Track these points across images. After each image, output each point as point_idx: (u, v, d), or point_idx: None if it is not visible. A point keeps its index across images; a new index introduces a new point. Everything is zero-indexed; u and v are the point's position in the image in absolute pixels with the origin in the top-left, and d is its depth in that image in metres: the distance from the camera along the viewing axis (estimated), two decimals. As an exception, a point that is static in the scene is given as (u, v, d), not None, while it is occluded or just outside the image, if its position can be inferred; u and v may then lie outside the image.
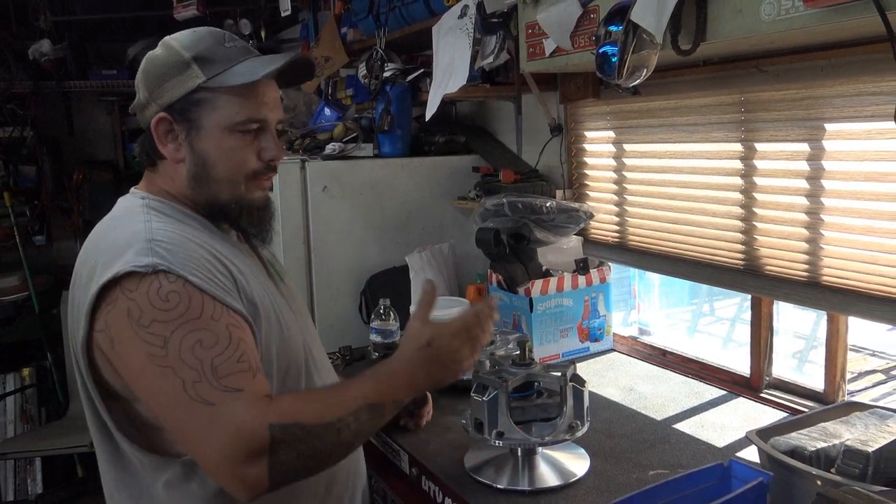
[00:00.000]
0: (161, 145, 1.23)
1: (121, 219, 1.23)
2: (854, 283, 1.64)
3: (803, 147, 1.70)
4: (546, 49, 1.86)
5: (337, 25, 3.08)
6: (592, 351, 2.32)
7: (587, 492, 1.44)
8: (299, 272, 2.52)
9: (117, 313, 1.07)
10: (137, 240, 1.12)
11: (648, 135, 2.14)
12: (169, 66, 1.21)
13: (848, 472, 1.21)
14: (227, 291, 1.14)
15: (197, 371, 1.04)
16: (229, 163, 1.24)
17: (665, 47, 1.46)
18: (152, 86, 1.22)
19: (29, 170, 4.26)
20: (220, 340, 1.07)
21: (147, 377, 1.07)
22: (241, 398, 1.05)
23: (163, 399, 1.07)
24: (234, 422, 1.03)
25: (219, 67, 1.21)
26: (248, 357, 1.10)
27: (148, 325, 1.06)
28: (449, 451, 1.64)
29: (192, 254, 1.14)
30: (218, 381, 1.05)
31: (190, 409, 1.04)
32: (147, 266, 1.08)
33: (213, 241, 1.22)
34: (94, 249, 1.17)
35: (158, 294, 1.07)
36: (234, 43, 1.25)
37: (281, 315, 1.27)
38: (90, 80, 4.17)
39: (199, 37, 1.24)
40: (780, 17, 1.26)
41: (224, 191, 1.25)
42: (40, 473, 3.82)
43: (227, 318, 1.11)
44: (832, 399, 1.80)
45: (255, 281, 1.24)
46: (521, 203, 2.17)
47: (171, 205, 1.25)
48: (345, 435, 1.10)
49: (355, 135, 2.74)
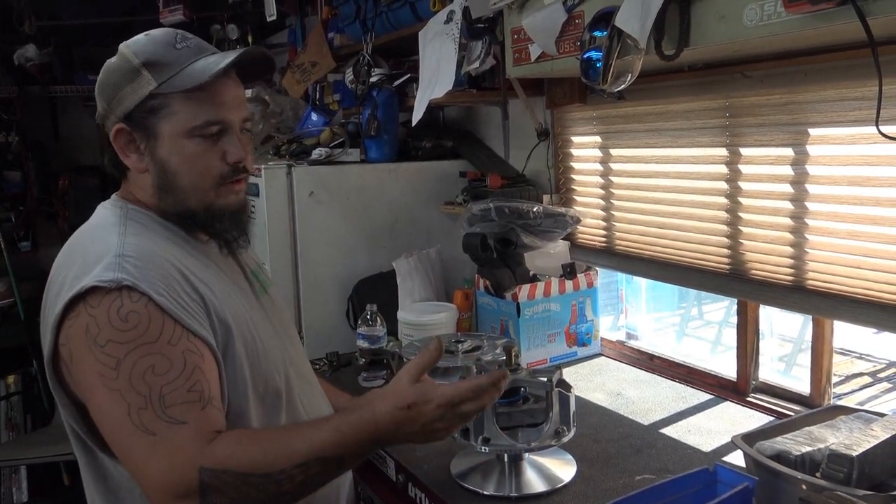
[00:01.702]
0: (123, 156, 1.20)
1: (97, 228, 1.21)
2: (839, 286, 1.64)
3: (788, 152, 1.71)
4: (532, 54, 1.86)
5: (324, 30, 3.07)
6: (580, 356, 2.32)
7: (574, 497, 1.44)
8: (286, 277, 2.51)
9: (77, 328, 1.06)
10: (109, 254, 1.10)
11: (634, 140, 2.15)
12: (121, 74, 1.18)
13: (832, 476, 1.21)
14: (192, 314, 1.11)
15: (144, 398, 1.02)
16: (193, 170, 1.19)
17: (649, 52, 1.46)
18: (108, 96, 1.19)
19: (14, 175, 4.22)
20: (173, 367, 1.05)
21: (97, 396, 1.05)
22: (182, 432, 1.02)
23: (108, 421, 1.05)
24: (168, 457, 1.01)
25: (169, 71, 1.16)
26: (201, 387, 1.06)
27: (104, 345, 1.04)
28: (435, 457, 1.63)
29: (161, 270, 1.11)
30: (163, 410, 1.02)
31: (132, 435, 1.02)
32: (111, 281, 1.06)
33: (187, 257, 1.19)
34: (68, 261, 1.15)
35: (118, 313, 1.05)
36: (185, 43, 1.20)
37: (258, 333, 1.23)
38: (76, 85, 4.15)
39: (150, 40, 1.20)
40: (763, 22, 1.26)
41: (191, 199, 1.21)
42: (26, 482, 3.77)
43: (185, 344, 1.08)
44: (818, 403, 1.81)
45: (230, 299, 1.21)
46: (508, 208, 2.17)
47: (148, 215, 1.23)
48: (286, 487, 1.04)
49: (342, 140, 2.73)
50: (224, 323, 1.16)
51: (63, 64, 4.15)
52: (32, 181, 4.22)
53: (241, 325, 1.20)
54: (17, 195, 4.21)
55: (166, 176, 1.19)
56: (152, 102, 1.16)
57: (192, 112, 1.17)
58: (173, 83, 1.16)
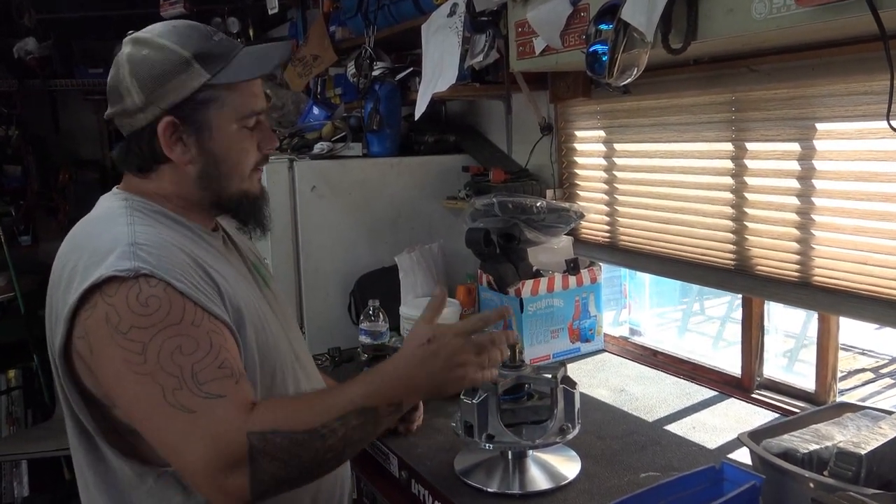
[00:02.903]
0: (168, 149, 1.18)
1: (103, 220, 1.19)
2: (845, 283, 1.63)
3: (794, 147, 1.69)
4: (536, 48, 1.84)
5: (325, 24, 3.05)
6: (583, 351, 2.30)
7: (578, 495, 1.43)
8: (287, 272, 2.49)
9: (96, 319, 1.05)
10: (120, 243, 1.09)
11: (639, 134, 2.13)
12: (169, 65, 1.15)
13: (841, 475, 1.20)
14: (210, 297, 1.11)
15: (177, 378, 1.02)
16: (237, 158, 1.23)
17: (656, 46, 1.45)
18: (151, 88, 1.15)
19: (14, 169, 4.21)
20: (200, 346, 1.05)
21: (125, 385, 1.04)
22: (222, 405, 1.02)
23: (141, 407, 1.04)
24: (212, 430, 1.01)
25: (219, 63, 1.18)
26: (230, 363, 1.07)
27: (126, 332, 1.03)
28: (438, 454, 1.62)
29: (176, 258, 1.11)
30: (199, 387, 1.02)
31: (169, 417, 1.01)
32: (129, 270, 1.05)
33: (195, 246, 1.19)
34: (75, 252, 1.13)
35: (138, 299, 1.04)
36: (219, 36, 1.22)
37: (266, 321, 1.24)
38: (76, 79, 4.13)
39: (185, 32, 1.19)
40: (772, 15, 1.25)
41: (232, 186, 1.24)
42: (26, 476, 3.77)
43: (208, 324, 1.08)
44: (823, 399, 1.80)
45: (240, 287, 1.22)
46: (512, 203, 2.16)
47: (155, 206, 1.21)
48: (331, 441, 1.06)
49: (344, 134, 2.71)
50: (236, 308, 1.16)
51: (63, 57, 4.13)
52: (32, 175, 4.20)
53: (252, 313, 1.20)
54: (18, 189, 4.20)
55: (215, 165, 1.21)
56: (203, 94, 1.17)
57: (238, 103, 1.21)
58: (225, 76, 1.18)
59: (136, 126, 1.19)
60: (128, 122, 1.19)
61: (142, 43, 1.18)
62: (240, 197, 1.26)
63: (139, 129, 1.18)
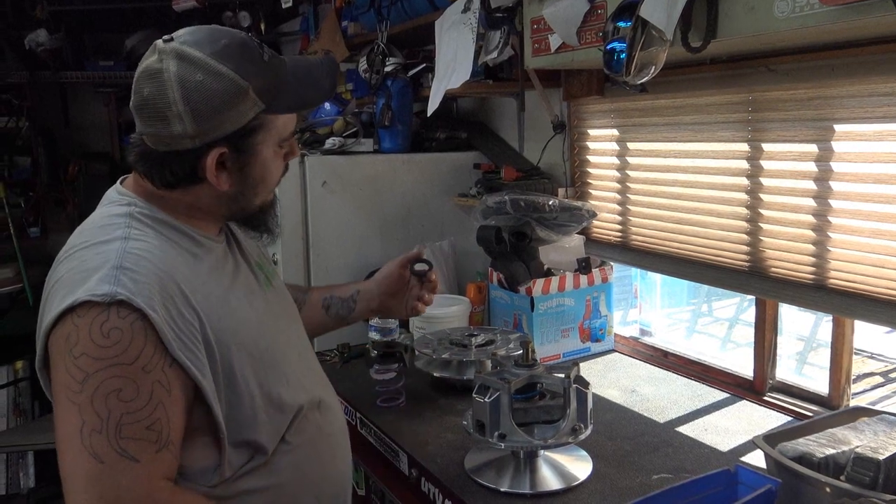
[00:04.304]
0: (213, 177, 1.14)
1: (102, 230, 1.14)
2: (861, 286, 1.61)
3: (812, 148, 1.68)
4: (552, 45, 1.83)
5: (338, 19, 3.04)
6: (593, 351, 2.29)
7: (590, 496, 1.42)
8: (298, 268, 2.49)
9: (60, 335, 1.03)
10: (106, 265, 1.06)
11: (653, 133, 2.12)
12: (227, 97, 1.10)
13: (858, 480, 1.18)
14: (182, 337, 1.07)
15: (102, 420, 0.99)
16: (270, 176, 1.23)
17: (675, 44, 1.43)
18: (205, 118, 1.09)
19: (24, 161, 4.21)
20: (139, 396, 1.01)
21: (57, 405, 1.02)
22: (131, 469, 0.99)
23: (60, 432, 1.01)
24: (114, 490, 0.97)
25: (272, 89, 1.15)
26: (161, 426, 1.03)
27: (77, 357, 1.01)
28: (448, 452, 1.62)
29: (160, 285, 1.07)
30: (118, 441, 0.99)
31: (79, 455, 0.98)
32: (105, 295, 1.02)
33: (189, 264, 1.16)
34: (65, 266, 1.11)
35: (101, 328, 1.01)
36: (268, 54, 1.17)
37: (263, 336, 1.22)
38: (87, 71, 4.13)
39: (238, 54, 1.12)
40: (795, 14, 1.23)
41: (258, 200, 1.24)
42: (33, 467, 3.79)
43: (159, 375, 1.04)
44: (837, 403, 1.78)
45: (231, 302, 1.19)
46: (524, 201, 2.14)
47: (158, 214, 1.18)
48: None
49: (355, 130, 2.70)
50: (222, 341, 1.13)
51: (74, 50, 4.13)
52: (42, 167, 4.20)
53: (246, 337, 1.18)
54: (27, 181, 4.20)
55: (250, 188, 1.21)
56: (254, 122, 1.15)
57: (281, 127, 1.20)
58: (279, 105, 1.17)
59: (178, 147, 1.12)
60: (167, 142, 1.12)
61: (194, 64, 1.09)
62: (260, 209, 1.26)
63: (180, 151, 1.13)
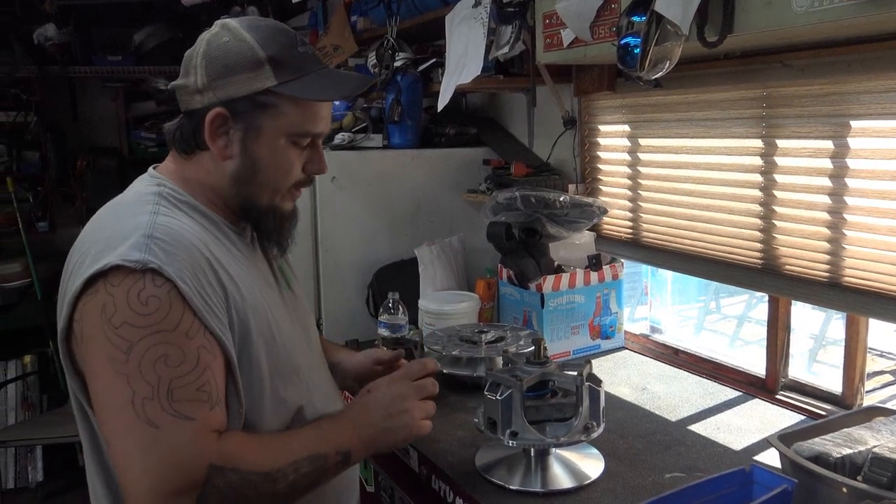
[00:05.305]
0: (211, 139, 1.17)
1: (128, 205, 1.17)
2: (877, 284, 1.60)
3: (827, 144, 1.66)
4: (564, 40, 1.81)
5: (347, 14, 3.03)
6: (603, 348, 2.28)
7: (602, 494, 1.41)
8: (307, 264, 2.48)
9: (93, 305, 1.02)
10: (136, 233, 1.06)
11: (665, 129, 2.10)
12: (241, 59, 1.14)
13: (876, 481, 1.17)
14: (213, 308, 1.08)
15: (152, 388, 0.99)
16: (278, 170, 1.21)
17: (690, 39, 1.41)
18: (215, 74, 1.14)
19: (32, 155, 4.21)
20: (186, 360, 1.02)
21: (101, 378, 1.01)
22: (189, 428, 1.00)
23: (108, 405, 1.01)
24: (171, 452, 0.98)
25: (291, 73, 1.16)
26: (210, 387, 1.04)
27: (118, 326, 1.00)
28: (459, 449, 1.61)
29: (190, 257, 1.08)
30: (171, 404, 0.99)
31: (132, 425, 0.98)
32: (137, 262, 1.02)
33: (216, 245, 1.17)
34: (92, 236, 1.11)
35: (139, 296, 1.01)
36: (305, 48, 1.20)
37: (278, 329, 1.21)
38: (95, 66, 4.12)
39: (272, 34, 1.18)
40: (813, 8, 1.22)
41: (264, 196, 1.22)
42: (41, 461, 3.80)
43: (202, 340, 1.04)
44: (850, 402, 1.77)
45: (255, 291, 1.19)
46: (535, 197, 2.13)
47: (186, 196, 1.19)
48: (280, 486, 1.07)
49: (364, 125, 2.69)
50: (243, 320, 1.13)
51: (82, 44, 4.13)
52: (50, 162, 4.19)
53: (262, 321, 1.17)
54: (35, 176, 4.20)
55: (252, 169, 1.19)
56: (264, 98, 1.15)
57: (297, 118, 1.18)
58: (292, 88, 1.16)
59: (191, 106, 1.18)
60: (186, 99, 1.18)
61: (227, 29, 1.17)
62: (268, 211, 1.23)
63: (193, 110, 1.17)
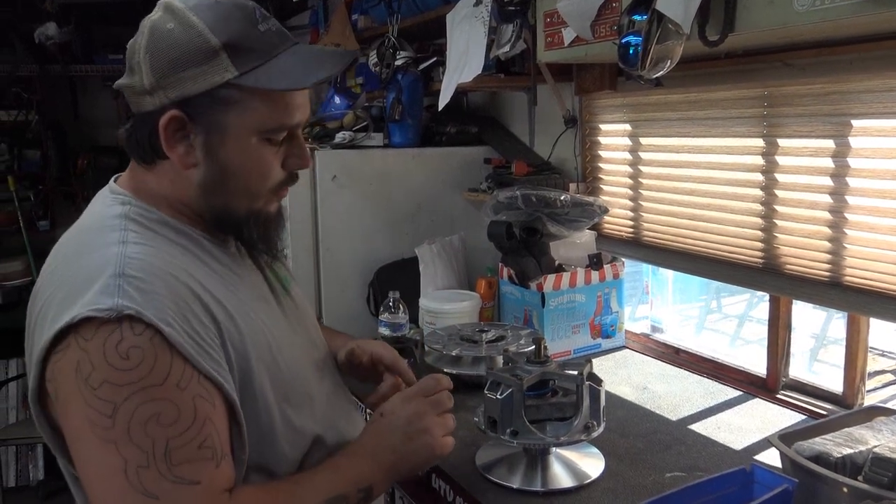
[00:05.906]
0: (168, 147, 0.99)
1: (90, 233, 1.01)
2: (878, 283, 1.59)
3: (828, 143, 1.66)
4: (565, 38, 1.81)
5: (348, 12, 3.03)
6: (604, 348, 2.28)
7: (602, 493, 1.41)
8: (307, 262, 2.48)
9: (66, 364, 0.88)
10: (105, 273, 0.91)
11: (666, 128, 2.10)
12: (190, 51, 0.95)
13: (876, 481, 1.17)
14: (206, 347, 0.94)
15: (146, 453, 0.86)
16: (253, 174, 1.03)
17: (692, 38, 1.41)
18: (163, 71, 0.96)
19: (33, 154, 4.21)
20: (182, 416, 0.88)
21: (85, 447, 0.88)
22: (194, 493, 0.88)
23: (96, 477, 0.88)
24: None
25: (253, 59, 0.97)
26: (213, 441, 0.91)
27: (97, 387, 0.86)
28: (459, 448, 1.58)
29: (171, 292, 0.93)
30: (170, 469, 0.87)
31: (126, 496, 0.85)
32: (110, 310, 0.87)
33: (199, 267, 1.02)
34: (53, 278, 0.97)
35: (117, 349, 0.87)
36: (268, 24, 1.01)
37: (280, 351, 1.08)
38: (96, 65, 4.12)
39: (225, 13, 0.98)
40: (815, 7, 1.21)
41: (241, 204, 1.05)
42: (42, 460, 3.81)
43: (196, 388, 0.91)
44: (851, 402, 1.76)
45: (248, 316, 1.04)
46: (535, 196, 2.13)
47: (157, 214, 1.03)
48: None
49: (365, 124, 2.69)
50: (242, 354, 1.00)
51: (83, 43, 4.13)
52: (51, 161, 4.20)
53: (262, 349, 1.05)
54: (36, 174, 4.20)
55: (222, 176, 1.01)
56: (225, 93, 0.97)
57: (267, 112, 1.00)
58: (257, 78, 0.97)
59: (142, 108, 1.00)
60: (135, 100, 1.01)
61: (172, 13, 0.98)
62: (247, 219, 1.07)
63: (146, 112, 1.00)
